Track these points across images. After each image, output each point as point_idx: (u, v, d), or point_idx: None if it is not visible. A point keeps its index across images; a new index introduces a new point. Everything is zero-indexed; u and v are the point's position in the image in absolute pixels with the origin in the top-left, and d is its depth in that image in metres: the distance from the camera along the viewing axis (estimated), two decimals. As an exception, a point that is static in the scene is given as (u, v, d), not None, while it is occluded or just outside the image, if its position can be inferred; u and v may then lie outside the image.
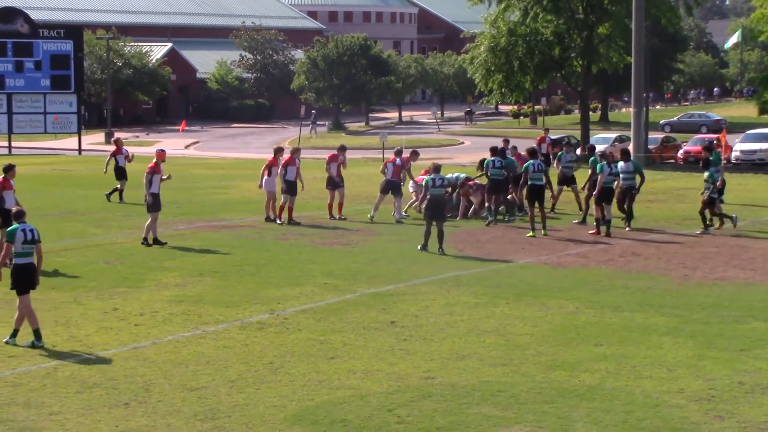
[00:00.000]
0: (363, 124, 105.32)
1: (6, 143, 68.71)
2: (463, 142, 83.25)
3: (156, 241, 27.87)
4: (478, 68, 63.36)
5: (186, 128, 79.60)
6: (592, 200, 30.55)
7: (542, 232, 29.64)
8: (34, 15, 73.19)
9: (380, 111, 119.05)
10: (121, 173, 37.96)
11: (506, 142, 36.86)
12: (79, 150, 69.11)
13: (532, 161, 30.11)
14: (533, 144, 40.54)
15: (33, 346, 18.07)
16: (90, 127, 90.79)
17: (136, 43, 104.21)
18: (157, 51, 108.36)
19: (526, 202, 31.18)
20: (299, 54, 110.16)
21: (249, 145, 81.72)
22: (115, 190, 37.55)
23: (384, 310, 20.64)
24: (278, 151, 33.29)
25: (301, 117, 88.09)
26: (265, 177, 32.19)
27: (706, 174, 30.41)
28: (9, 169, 25.60)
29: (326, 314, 20.35)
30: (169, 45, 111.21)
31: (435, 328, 19.25)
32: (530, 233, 29.52)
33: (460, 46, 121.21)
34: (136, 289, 22.65)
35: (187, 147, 78.08)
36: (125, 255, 26.63)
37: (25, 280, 18.28)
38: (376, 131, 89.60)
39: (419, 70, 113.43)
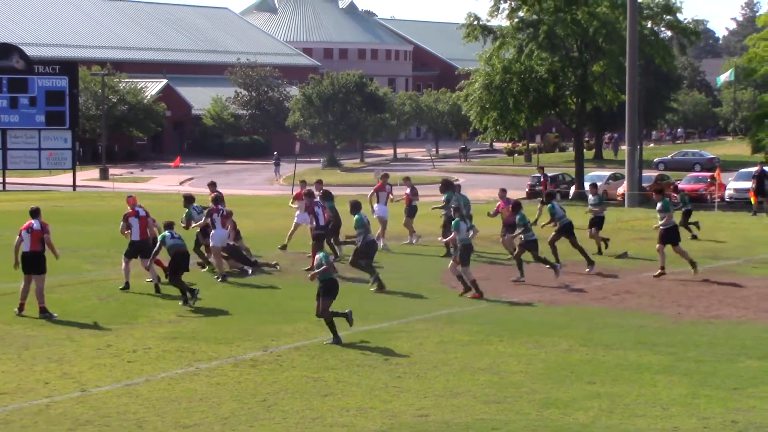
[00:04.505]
0: (358, 160, 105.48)
1: (0, 179, 68.69)
2: (457, 180, 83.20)
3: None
4: (472, 105, 63.47)
5: (180, 164, 79.68)
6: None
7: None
8: (30, 51, 73.42)
9: (375, 148, 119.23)
10: None
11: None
12: (74, 186, 69.11)
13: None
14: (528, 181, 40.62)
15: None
16: (84, 163, 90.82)
17: (131, 80, 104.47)
18: (152, 87, 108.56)
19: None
20: (294, 90, 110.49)
21: (244, 182, 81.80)
22: None
23: (378, 348, 20.60)
24: (385, 177, 34.76)
25: (297, 154, 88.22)
26: (375, 204, 33.17)
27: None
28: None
29: (320, 351, 20.32)
30: (164, 81, 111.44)
31: (429, 366, 19.22)
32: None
33: (455, 83, 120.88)
34: (130, 326, 22.61)
35: (181, 183, 78.13)
36: (119, 292, 26.57)
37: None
38: (371, 168, 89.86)
39: (414, 107, 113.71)
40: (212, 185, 31.41)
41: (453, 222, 26.75)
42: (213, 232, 28.44)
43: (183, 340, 21.20)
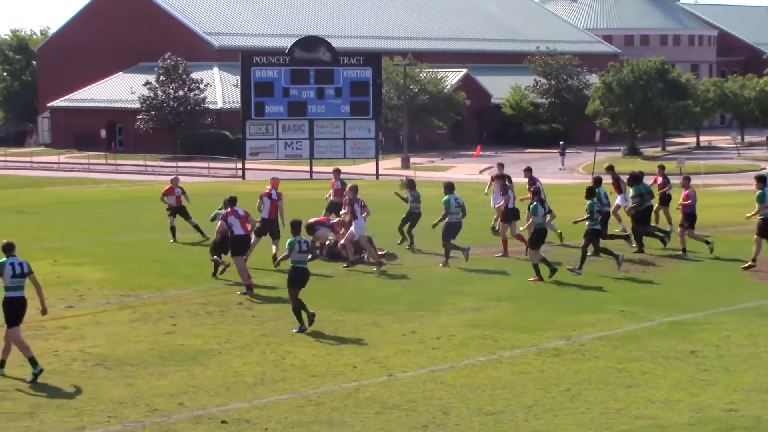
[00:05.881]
0: (659, 149, 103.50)
1: (307, 168, 70.92)
2: (764, 168, 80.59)
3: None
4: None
5: (480, 153, 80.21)
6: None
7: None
8: (335, 43, 75.32)
9: (677, 136, 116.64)
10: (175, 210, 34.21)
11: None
12: (377, 174, 70.58)
13: None
14: None
15: (34, 376, 17.73)
16: (387, 152, 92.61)
17: (431, 69, 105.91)
18: (452, 77, 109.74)
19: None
20: (594, 78, 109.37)
21: (543, 171, 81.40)
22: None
23: (683, 339, 20.17)
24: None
25: (596, 142, 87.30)
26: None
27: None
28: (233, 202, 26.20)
29: (623, 342, 20.05)
30: (464, 71, 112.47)
31: (737, 359, 18.68)
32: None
33: (762, 68, 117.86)
34: (433, 313, 22.91)
35: (481, 172, 78.60)
36: (422, 279, 26.98)
37: (13, 313, 18.03)
38: (672, 156, 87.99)
39: (718, 94, 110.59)
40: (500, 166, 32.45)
41: (531, 206, 27.08)
42: (354, 222, 28.64)
43: (485, 328, 21.33)
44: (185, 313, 22.70)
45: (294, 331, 21.25)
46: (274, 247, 28.51)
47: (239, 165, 74.39)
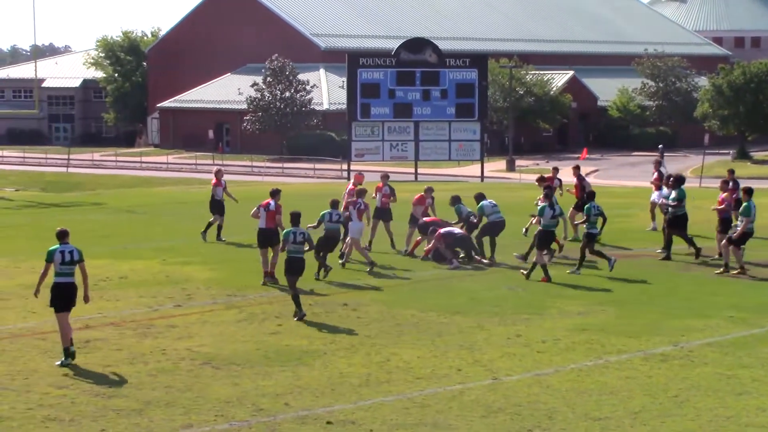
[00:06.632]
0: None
1: (412, 170, 71.00)
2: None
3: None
4: None
5: (587, 156, 79.58)
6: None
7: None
8: (441, 45, 75.30)
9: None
10: (217, 207, 34.48)
11: None
12: (482, 177, 70.42)
13: None
14: None
15: (62, 365, 18.64)
16: (492, 154, 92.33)
17: (537, 71, 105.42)
18: (558, 79, 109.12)
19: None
20: (703, 81, 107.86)
21: (650, 174, 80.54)
22: (210, 225, 34.37)
23: (795, 347, 19.82)
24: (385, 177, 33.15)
25: (705, 146, 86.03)
26: None
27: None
28: (276, 194, 27.44)
29: (733, 348, 19.74)
30: (571, 73, 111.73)
31: None
32: None
33: None
34: (539, 316, 22.78)
35: (587, 175, 77.97)
36: (527, 281, 26.84)
37: (61, 298, 18.99)
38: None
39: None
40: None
41: (539, 207, 27.76)
42: (350, 224, 28.86)
43: (592, 332, 21.15)
44: (290, 314, 22.84)
45: (294, 318, 22.24)
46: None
47: (344, 166, 74.79)
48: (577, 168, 36.74)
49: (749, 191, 27.95)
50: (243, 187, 58.98)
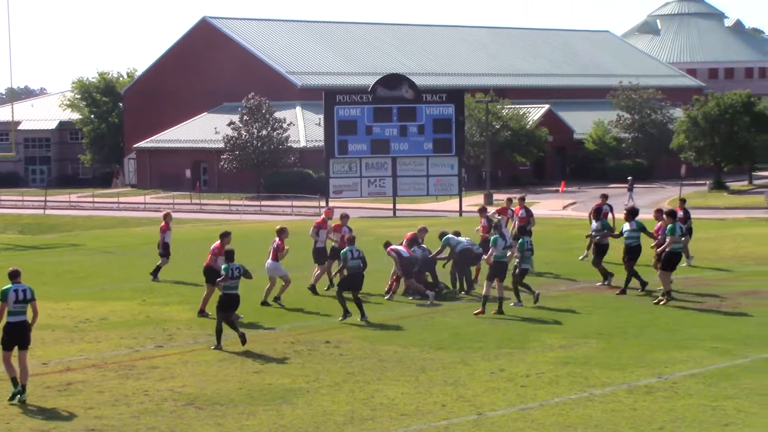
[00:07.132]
0: (746, 183, 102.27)
1: (390, 205, 70.99)
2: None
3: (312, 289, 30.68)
4: None
5: (564, 189, 79.79)
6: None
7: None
8: (417, 80, 75.47)
9: (764, 169, 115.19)
10: (165, 250, 34.87)
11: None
12: (460, 211, 70.45)
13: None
14: None
15: (13, 395, 19.01)
16: (469, 189, 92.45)
17: (513, 106, 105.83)
18: (534, 112, 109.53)
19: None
20: (678, 113, 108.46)
21: (617, 206, 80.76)
22: (159, 268, 34.73)
23: (778, 377, 19.81)
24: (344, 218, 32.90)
25: (682, 177, 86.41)
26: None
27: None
28: (225, 236, 27.66)
29: (717, 379, 19.73)
30: (546, 106, 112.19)
31: (835, 397, 18.28)
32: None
33: None
34: (521, 350, 22.74)
35: (564, 208, 78.21)
36: (509, 315, 26.81)
37: (12, 336, 19.22)
38: (760, 190, 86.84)
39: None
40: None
41: (492, 238, 27.98)
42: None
43: (575, 365, 21.12)
44: (272, 352, 22.74)
45: (211, 347, 23.07)
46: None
47: (323, 203, 74.75)
48: (522, 199, 37.97)
49: (672, 213, 29.19)
50: (222, 226, 58.88)
